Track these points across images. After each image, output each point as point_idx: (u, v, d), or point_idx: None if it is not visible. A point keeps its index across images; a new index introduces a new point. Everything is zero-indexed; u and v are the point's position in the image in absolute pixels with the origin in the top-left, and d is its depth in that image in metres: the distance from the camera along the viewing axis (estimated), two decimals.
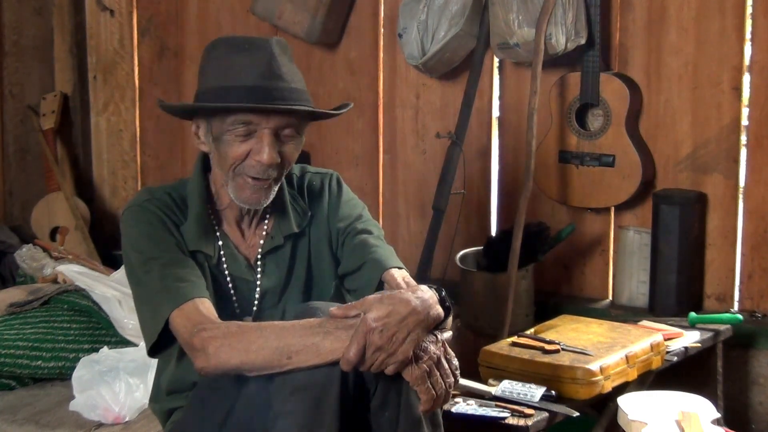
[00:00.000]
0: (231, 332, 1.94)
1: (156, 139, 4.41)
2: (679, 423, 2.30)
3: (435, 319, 1.93)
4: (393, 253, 2.23)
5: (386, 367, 1.87)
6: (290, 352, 1.87)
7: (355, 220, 2.24)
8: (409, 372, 1.88)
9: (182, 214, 2.16)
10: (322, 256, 2.24)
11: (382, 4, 3.81)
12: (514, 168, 3.62)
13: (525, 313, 3.33)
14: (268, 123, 2.06)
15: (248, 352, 1.90)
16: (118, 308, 3.32)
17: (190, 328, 1.98)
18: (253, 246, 2.21)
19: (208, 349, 1.93)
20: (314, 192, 2.27)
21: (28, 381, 3.18)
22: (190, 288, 2.04)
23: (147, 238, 2.11)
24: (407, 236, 3.82)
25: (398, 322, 1.86)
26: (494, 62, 3.62)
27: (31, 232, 4.27)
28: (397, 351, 1.86)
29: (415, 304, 1.89)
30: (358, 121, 3.88)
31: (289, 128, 2.09)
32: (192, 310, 2.01)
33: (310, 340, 1.88)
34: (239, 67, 2.08)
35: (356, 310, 1.89)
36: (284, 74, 2.07)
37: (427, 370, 1.88)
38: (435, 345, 1.91)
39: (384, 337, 1.85)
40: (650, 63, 3.36)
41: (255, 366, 1.91)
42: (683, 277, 3.27)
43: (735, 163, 3.29)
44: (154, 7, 4.34)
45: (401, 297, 1.89)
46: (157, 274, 2.06)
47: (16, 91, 4.42)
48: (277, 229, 2.21)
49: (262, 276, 2.20)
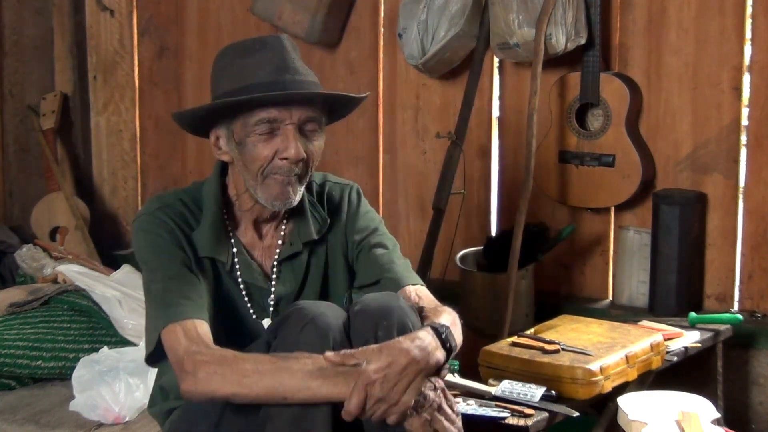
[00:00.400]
0: (226, 360, 1.92)
1: (156, 139, 4.41)
2: (679, 423, 2.30)
3: (435, 366, 1.93)
4: (409, 267, 2.22)
5: (387, 417, 1.87)
6: (285, 393, 1.87)
7: (371, 233, 2.23)
8: (411, 422, 1.88)
9: (195, 219, 2.14)
10: (337, 266, 2.22)
11: (382, 4, 3.81)
12: (514, 168, 3.62)
13: (525, 313, 3.33)
14: (291, 118, 2.05)
15: (241, 385, 1.90)
16: (118, 308, 3.32)
17: (184, 347, 1.96)
18: (270, 252, 2.19)
19: (199, 373, 1.92)
20: (334, 202, 2.25)
21: (28, 381, 3.19)
22: (191, 307, 2.02)
23: (153, 249, 2.09)
24: (407, 236, 3.82)
25: (398, 372, 1.86)
26: (494, 62, 3.61)
27: (31, 232, 4.27)
28: (399, 401, 1.86)
29: (414, 354, 1.88)
30: (358, 121, 3.88)
31: (312, 123, 2.08)
32: (189, 329, 1.99)
33: (306, 383, 1.87)
34: (253, 66, 2.07)
35: (354, 360, 1.88)
36: (299, 68, 2.08)
37: (429, 419, 1.88)
38: (434, 392, 1.91)
39: (385, 389, 1.85)
40: (650, 63, 3.36)
41: (247, 398, 1.91)
42: (683, 277, 3.27)
43: (735, 163, 3.29)
44: (154, 7, 4.34)
45: (401, 347, 1.88)
46: (161, 287, 2.05)
47: (16, 91, 4.42)
48: (296, 235, 2.19)
49: (277, 283, 2.18)
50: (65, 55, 4.50)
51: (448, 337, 1.96)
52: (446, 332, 1.96)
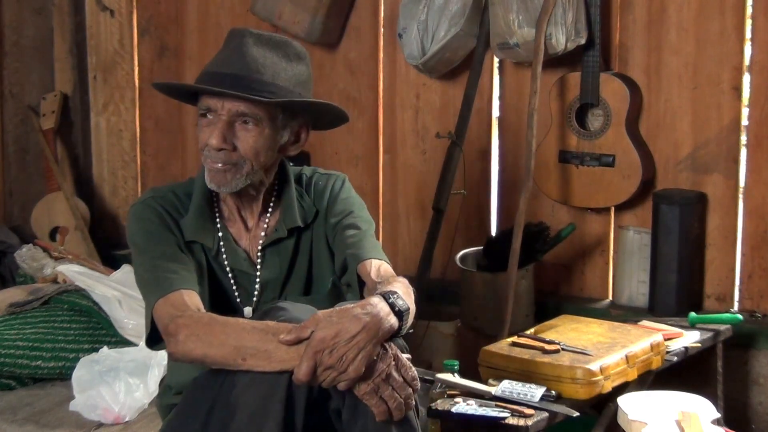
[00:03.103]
0: (201, 323, 1.98)
1: (156, 139, 4.41)
2: (679, 423, 2.30)
3: (387, 332, 1.93)
4: (376, 246, 2.24)
5: (338, 383, 1.88)
6: (245, 354, 1.91)
7: (346, 216, 2.26)
8: (359, 388, 1.89)
9: (184, 208, 2.22)
10: (321, 252, 2.27)
11: (382, 4, 3.81)
12: (514, 168, 3.62)
13: (525, 313, 3.33)
14: (222, 109, 2.11)
15: (210, 345, 1.94)
16: (118, 308, 3.32)
17: (169, 314, 2.02)
18: (256, 240, 2.24)
19: (179, 335, 1.98)
20: (319, 191, 2.30)
21: (28, 381, 3.19)
22: (178, 279, 2.09)
23: (144, 233, 2.18)
24: (407, 236, 3.83)
25: (347, 340, 1.86)
26: (494, 62, 3.61)
27: (31, 232, 4.27)
28: (348, 369, 1.86)
29: (365, 321, 1.88)
30: (358, 121, 3.88)
31: (247, 117, 2.12)
32: (176, 299, 2.05)
33: (264, 345, 1.90)
34: (218, 55, 2.18)
35: (308, 330, 1.89)
36: (249, 63, 2.12)
37: (376, 388, 1.89)
38: (384, 360, 1.91)
39: (334, 357, 1.86)
40: (650, 63, 3.36)
41: (214, 361, 1.95)
42: (683, 277, 3.27)
43: (735, 163, 3.29)
44: (154, 7, 4.34)
45: (351, 314, 1.89)
46: (150, 266, 2.13)
47: (16, 91, 4.42)
48: (281, 222, 2.24)
49: (263, 268, 2.23)
50: (65, 55, 4.50)
51: (395, 302, 1.96)
52: (392, 297, 1.97)
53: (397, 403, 1.90)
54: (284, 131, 2.19)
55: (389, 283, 2.07)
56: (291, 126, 2.20)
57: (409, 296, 2.05)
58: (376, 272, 2.14)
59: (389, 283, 2.06)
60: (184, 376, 2.17)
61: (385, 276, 2.13)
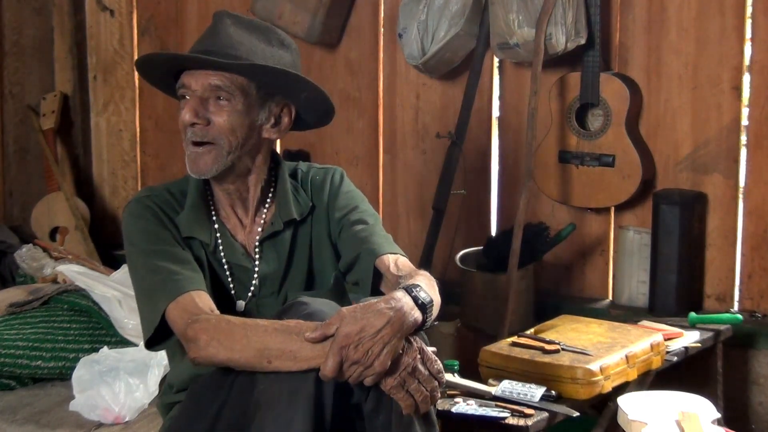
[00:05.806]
0: (220, 328, 1.97)
1: (156, 139, 4.41)
2: (679, 423, 2.30)
3: (412, 326, 1.93)
4: (389, 239, 2.23)
5: (365, 378, 1.88)
6: (270, 356, 1.90)
7: (351, 211, 2.25)
8: (385, 383, 1.89)
9: (179, 205, 2.21)
10: (322, 246, 2.26)
11: (382, 4, 3.81)
12: (514, 168, 3.62)
13: (525, 313, 3.33)
14: (195, 84, 2.11)
15: (233, 350, 1.94)
16: (118, 308, 3.32)
17: (186, 319, 2.01)
18: (253, 234, 2.23)
19: (199, 341, 1.96)
20: (316, 185, 2.29)
21: (28, 381, 3.18)
22: (186, 281, 2.07)
23: (142, 232, 2.16)
24: (407, 236, 3.82)
25: (373, 335, 1.86)
26: (494, 62, 3.62)
27: (31, 232, 4.27)
28: (374, 364, 1.86)
29: (389, 315, 1.88)
30: (358, 121, 3.88)
31: (219, 91, 2.11)
32: (188, 302, 2.04)
33: (289, 346, 1.90)
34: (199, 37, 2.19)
35: (333, 327, 1.89)
36: (223, 40, 2.12)
37: (402, 381, 1.89)
38: (409, 354, 1.91)
39: (359, 352, 1.86)
40: (650, 63, 3.36)
41: (239, 364, 1.94)
42: (683, 277, 3.27)
43: (735, 163, 3.29)
44: (154, 7, 4.34)
45: (375, 309, 1.89)
46: (152, 267, 2.11)
47: (16, 91, 4.42)
48: (277, 216, 2.23)
49: (261, 262, 2.22)
50: (65, 55, 4.50)
51: (417, 295, 1.96)
52: (416, 291, 1.97)
53: (423, 396, 1.90)
54: (261, 110, 2.16)
55: (411, 276, 2.07)
56: (269, 105, 2.17)
57: (432, 288, 2.05)
58: (395, 266, 2.14)
59: (411, 277, 2.06)
60: (186, 374, 2.16)
61: (405, 269, 2.13)
